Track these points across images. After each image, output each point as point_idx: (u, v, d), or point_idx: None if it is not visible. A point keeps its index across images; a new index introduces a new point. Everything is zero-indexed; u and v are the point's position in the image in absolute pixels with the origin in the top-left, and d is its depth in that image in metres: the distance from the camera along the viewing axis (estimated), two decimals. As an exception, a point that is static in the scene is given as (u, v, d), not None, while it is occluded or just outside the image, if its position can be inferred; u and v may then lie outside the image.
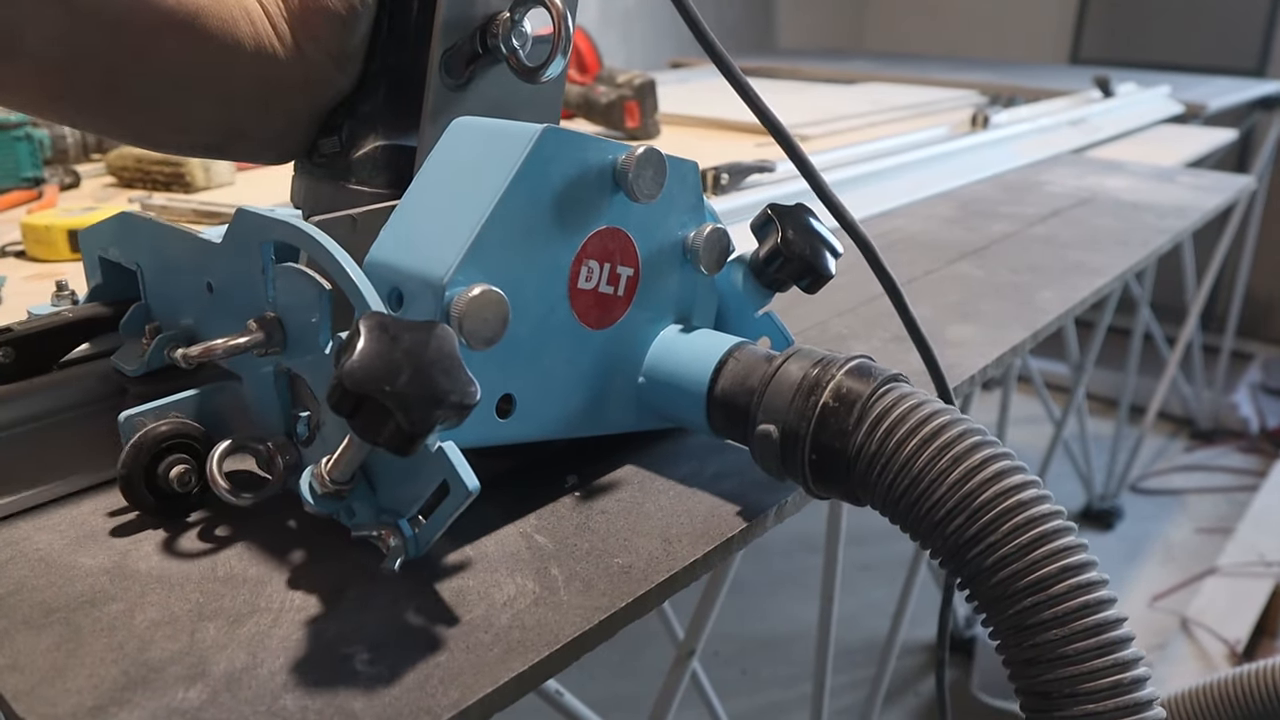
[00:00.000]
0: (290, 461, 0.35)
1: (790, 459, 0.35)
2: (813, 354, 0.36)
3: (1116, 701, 0.29)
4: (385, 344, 0.27)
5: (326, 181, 0.41)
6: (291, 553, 0.34)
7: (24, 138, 0.84)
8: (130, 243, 0.42)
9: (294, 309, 0.34)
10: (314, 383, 0.34)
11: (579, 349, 0.38)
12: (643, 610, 0.33)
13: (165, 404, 0.36)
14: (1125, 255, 0.75)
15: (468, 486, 0.30)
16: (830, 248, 0.42)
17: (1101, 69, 1.63)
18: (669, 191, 0.38)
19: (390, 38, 0.40)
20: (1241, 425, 2.32)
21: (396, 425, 0.27)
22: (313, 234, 0.33)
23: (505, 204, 0.33)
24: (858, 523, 1.87)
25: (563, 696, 0.89)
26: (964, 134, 1.15)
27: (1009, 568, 0.30)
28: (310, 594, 0.32)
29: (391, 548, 0.31)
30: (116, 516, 0.36)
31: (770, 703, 1.46)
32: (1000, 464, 0.31)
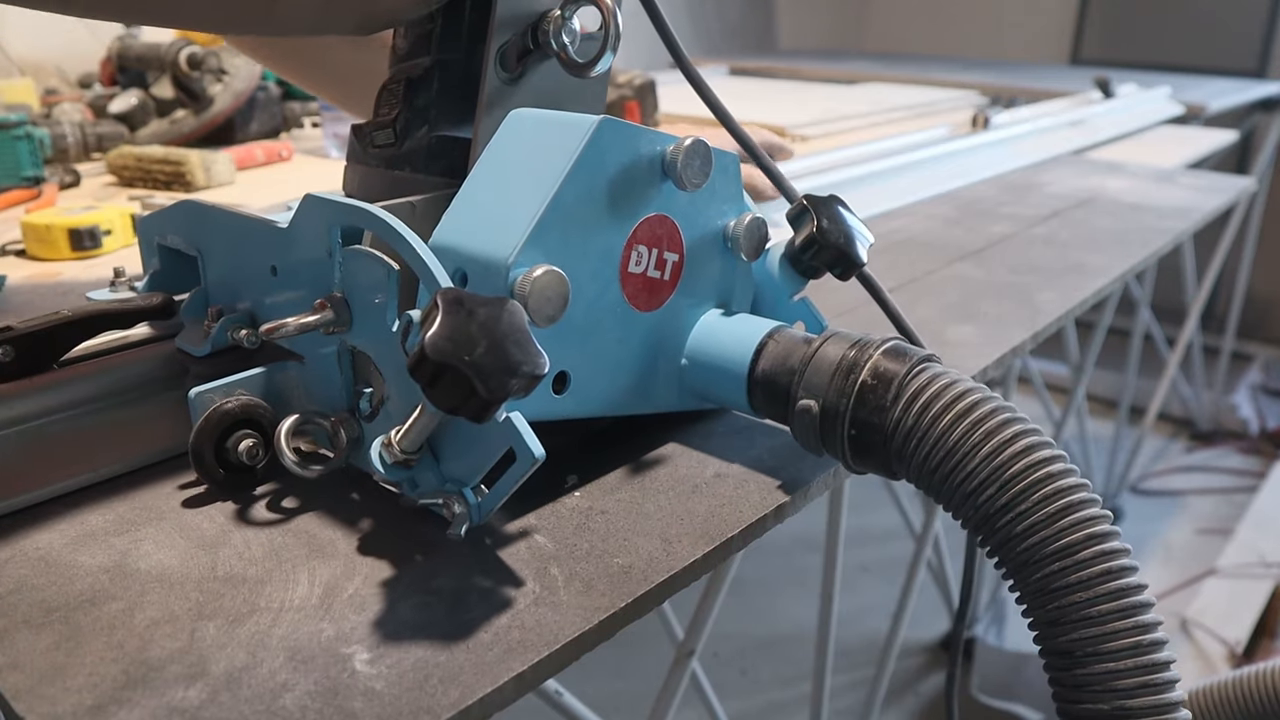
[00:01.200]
0: (352, 436, 0.37)
1: (830, 434, 0.37)
2: (849, 336, 0.38)
3: (1136, 661, 0.30)
4: (462, 318, 0.29)
5: (382, 170, 0.43)
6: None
7: (24, 136, 0.84)
8: (191, 229, 0.43)
9: (361, 289, 0.35)
10: (379, 359, 0.35)
11: (628, 330, 0.39)
12: (642, 610, 0.33)
13: (232, 381, 0.38)
14: (1125, 256, 0.75)
15: (534, 453, 0.31)
16: (861, 236, 0.43)
17: (1102, 70, 1.63)
18: (712, 181, 0.40)
19: (444, 34, 0.42)
20: (1241, 426, 2.32)
21: (475, 393, 0.28)
22: (384, 217, 0.34)
23: (565, 190, 0.35)
24: (858, 523, 1.87)
25: (562, 696, 0.88)
26: (964, 134, 1.15)
27: (1037, 535, 0.32)
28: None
29: (456, 515, 0.33)
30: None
31: (770, 703, 1.46)
32: (1030, 439, 0.33)
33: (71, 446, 0.39)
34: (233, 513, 0.37)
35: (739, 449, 0.43)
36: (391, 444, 0.33)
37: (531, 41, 0.41)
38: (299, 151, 1.07)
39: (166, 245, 0.45)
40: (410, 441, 0.33)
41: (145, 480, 0.39)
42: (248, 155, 0.98)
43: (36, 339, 0.40)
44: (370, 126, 0.43)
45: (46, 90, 1.25)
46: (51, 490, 0.37)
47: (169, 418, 0.40)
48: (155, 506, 0.37)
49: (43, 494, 0.36)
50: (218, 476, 0.37)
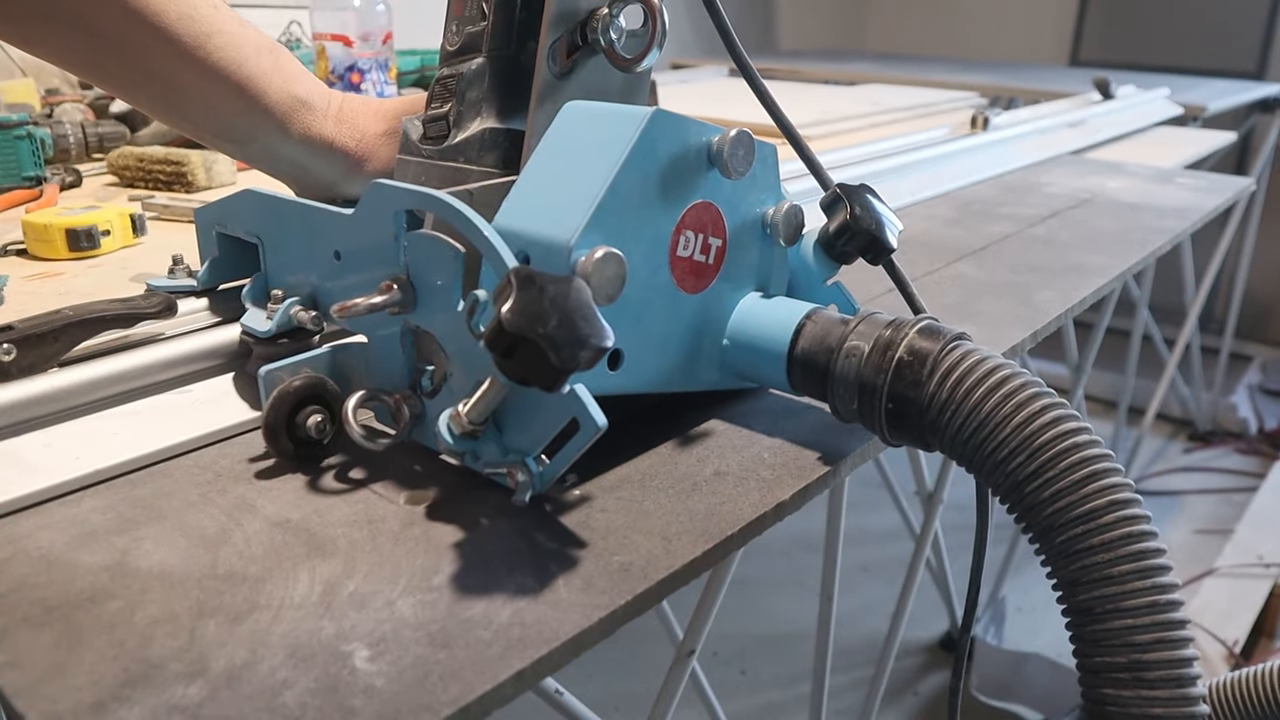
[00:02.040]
0: (414, 412, 0.39)
1: (867, 408, 0.39)
2: (884, 317, 0.41)
3: (1153, 618, 0.32)
4: (535, 294, 0.31)
5: (435, 161, 0.46)
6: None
7: (25, 136, 0.84)
8: (253, 217, 0.46)
9: (426, 271, 0.37)
10: (444, 338, 0.37)
11: (676, 311, 0.42)
12: (642, 608, 0.33)
13: (299, 360, 0.40)
14: (1124, 256, 0.75)
15: (597, 422, 0.33)
16: (890, 224, 0.46)
17: (1101, 71, 1.63)
18: (753, 170, 0.42)
19: (496, 31, 0.45)
20: (1240, 426, 2.32)
21: (548, 363, 0.30)
22: (454, 203, 0.36)
23: (621, 177, 0.37)
24: (857, 523, 1.87)
25: (562, 695, 0.88)
26: (964, 135, 1.15)
27: (1063, 500, 0.34)
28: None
29: (520, 483, 0.35)
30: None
31: (770, 702, 1.46)
32: (1057, 411, 0.35)
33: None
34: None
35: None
36: (459, 416, 0.35)
37: (580, 38, 0.43)
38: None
39: (226, 233, 0.47)
40: (478, 413, 0.35)
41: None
42: (248, 155, 0.98)
43: (39, 339, 0.40)
44: (424, 120, 0.47)
45: (48, 90, 1.25)
46: (54, 488, 0.37)
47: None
48: (156, 505, 0.37)
49: (44, 491, 0.37)
50: (288, 450, 0.39)
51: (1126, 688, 0.33)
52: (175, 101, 0.52)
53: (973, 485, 0.43)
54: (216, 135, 0.54)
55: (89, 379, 0.42)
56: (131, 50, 0.48)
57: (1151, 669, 0.32)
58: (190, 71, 0.49)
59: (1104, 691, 0.33)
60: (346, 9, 1.10)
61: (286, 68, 0.53)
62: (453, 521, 0.36)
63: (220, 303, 0.49)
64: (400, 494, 0.38)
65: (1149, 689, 0.33)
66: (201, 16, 0.49)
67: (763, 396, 0.48)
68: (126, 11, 0.47)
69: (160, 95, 0.51)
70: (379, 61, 1.04)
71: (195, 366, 0.46)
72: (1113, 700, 0.33)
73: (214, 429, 0.42)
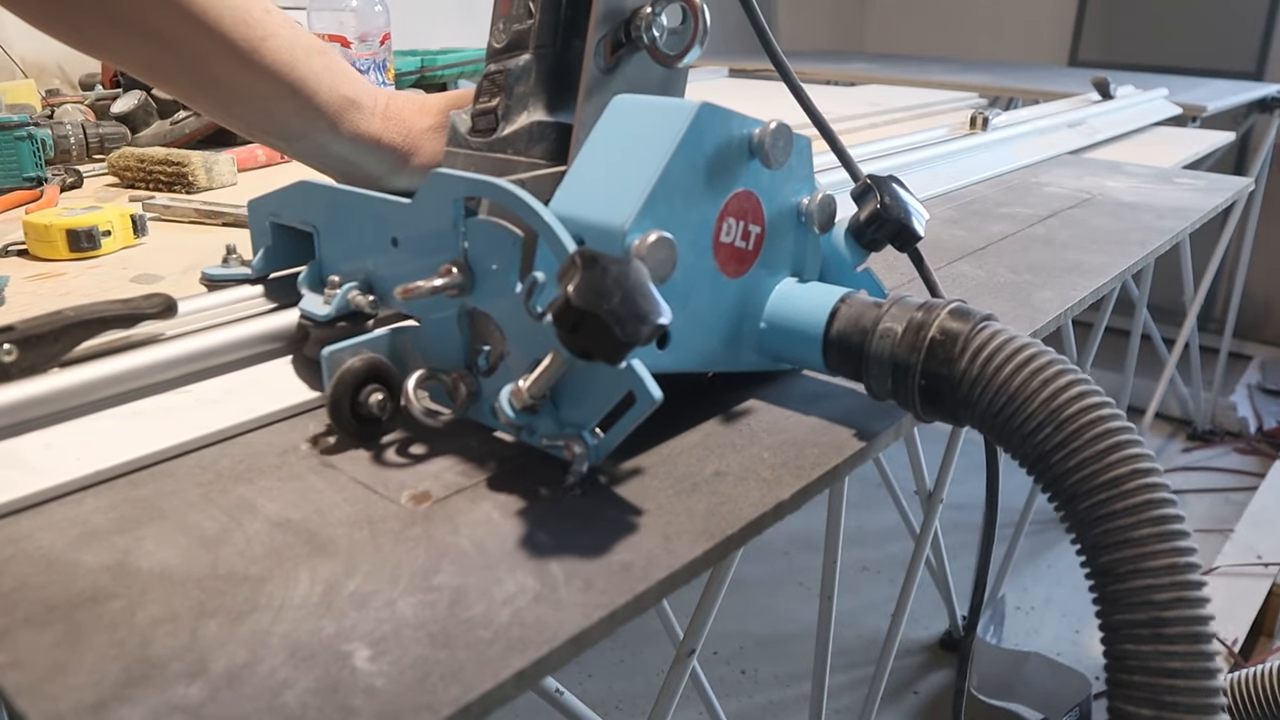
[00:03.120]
0: (470, 389, 0.41)
1: (901, 386, 0.41)
2: (914, 300, 0.43)
3: (1172, 579, 0.34)
4: (598, 273, 0.32)
5: (484, 153, 0.48)
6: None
7: (26, 137, 0.84)
8: (307, 207, 0.48)
9: (485, 255, 0.39)
10: (501, 319, 0.39)
11: (718, 294, 0.44)
12: (642, 608, 0.33)
13: (360, 342, 0.42)
14: (1123, 255, 0.75)
15: (653, 395, 0.35)
16: (917, 213, 0.48)
17: (1100, 71, 1.63)
18: (790, 161, 0.45)
19: (543, 29, 0.47)
20: (1240, 426, 2.32)
21: (613, 337, 0.32)
22: (515, 191, 0.37)
23: (671, 165, 0.39)
24: (857, 523, 1.87)
25: (562, 695, 0.89)
26: (963, 135, 1.15)
27: (1088, 469, 0.36)
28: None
29: (576, 454, 0.37)
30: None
31: (769, 702, 1.46)
32: (1082, 386, 0.37)
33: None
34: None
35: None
36: (520, 391, 0.37)
37: (624, 36, 0.45)
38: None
39: (280, 223, 0.49)
40: (538, 388, 0.37)
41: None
42: (249, 156, 0.98)
43: (40, 338, 0.40)
44: (472, 114, 0.49)
45: (49, 91, 1.25)
46: (55, 488, 0.37)
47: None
48: (157, 505, 0.37)
49: (45, 491, 0.37)
50: (351, 427, 0.41)
51: (1146, 643, 0.35)
52: (230, 102, 0.54)
53: (973, 485, 0.43)
54: (268, 133, 0.55)
55: (90, 379, 0.42)
56: (190, 55, 0.51)
57: (1170, 625, 0.34)
58: (246, 74, 0.52)
59: (1124, 647, 0.35)
60: (344, 9, 1.10)
61: (335, 68, 0.55)
62: (453, 521, 0.36)
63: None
64: (401, 493, 0.38)
65: (1168, 644, 0.34)
66: (256, 21, 0.51)
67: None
68: (186, 18, 0.49)
69: (216, 97, 0.54)
70: (377, 62, 1.04)
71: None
72: (1133, 655, 0.35)
73: (214, 429, 0.42)
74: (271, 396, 0.44)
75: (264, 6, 0.52)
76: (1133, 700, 0.35)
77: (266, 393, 0.45)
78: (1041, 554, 1.84)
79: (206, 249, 0.70)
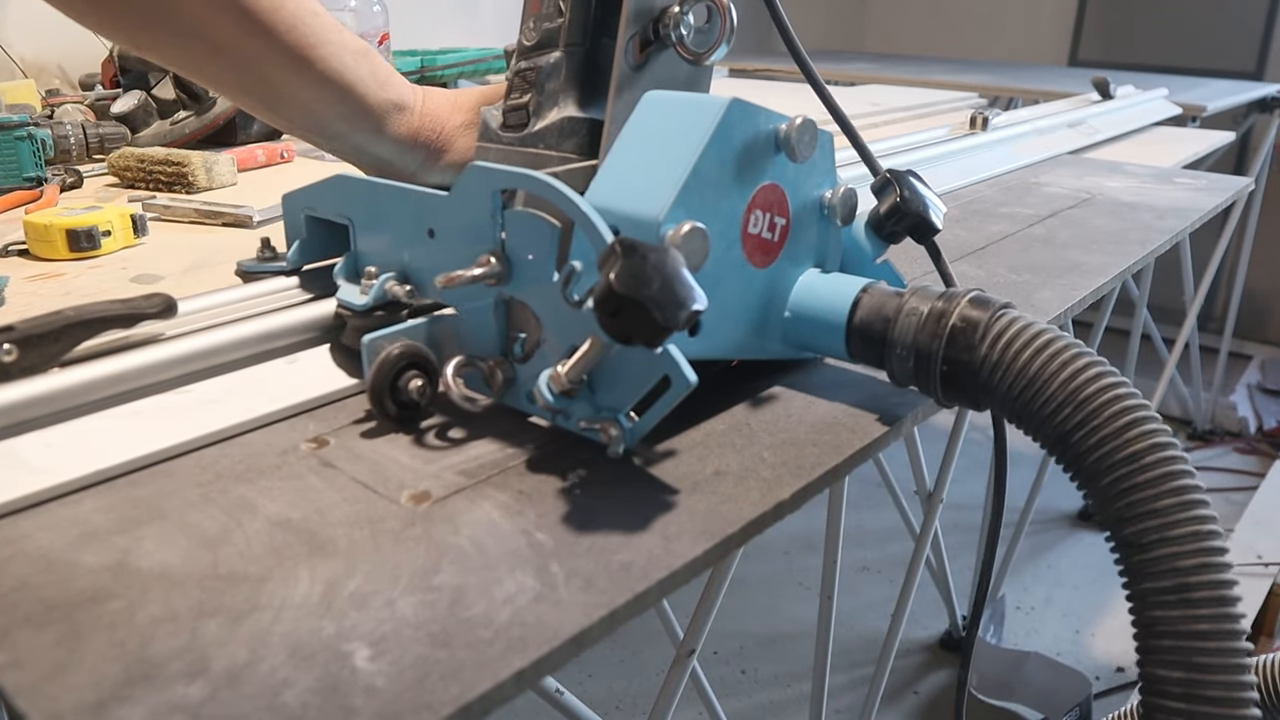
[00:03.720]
0: (507, 376, 0.43)
1: (923, 372, 0.43)
2: (934, 289, 0.44)
3: (1196, 545, 0.36)
4: (638, 260, 0.34)
5: (516, 148, 0.50)
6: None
7: (26, 138, 0.84)
8: (343, 200, 0.49)
9: (522, 246, 0.40)
10: (538, 307, 0.41)
11: (746, 284, 0.45)
12: (642, 607, 0.33)
13: (399, 330, 0.43)
14: (1123, 255, 0.75)
15: (689, 379, 0.36)
16: (934, 206, 0.49)
17: (1100, 71, 1.63)
18: (814, 156, 0.46)
19: (573, 27, 0.49)
20: (1239, 426, 2.32)
21: (653, 321, 0.33)
22: (552, 183, 0.38)
23: (703, 158, 0.40)
24: (857, 523, 1.87)
25: (562, 695, 0.89)
26: (963, 135, 1.15)
27: (1108, 446, 0.37)
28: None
29: (613, 437, 0.38)
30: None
31: (769, 702, 1.46)
32: (1099, 368, 0.38)
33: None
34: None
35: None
36: (559, 376, 0.38)
37: (653, 34, 0.47)
38: (299, 153, 1.07)
39: (315, 216, 0.51)
40: (576, 372, 0.38)
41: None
42: (249, 156, 0.98)
43: (40, 338, 0.40)
44: (504, 109, 0.51)
45: (48, 91, 1.25)
46: (55, 488, 0.37)
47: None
48: (157, 505, 0.37)
49: (45, 491, 0.37)
50: (391, 412, 0.42)
51: (1174, 608, 0.36)
52: (277, 103, 0.55)
53: (973, 485, 0.43)
54: (310, 131, 0.57)
55: (90, 379, 0.42)
56: (241, 58, 0.52)
57: (1196, 590, 0.35)
58: (296, 78, 0.53)
59: (1153, 614, 0.36)
60: (343, 10, 1.10)
61: (380, 72, 0.56)
62: (453, 521, 0.36)
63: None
64: (401, 493, 0.38)
65: (1195, 608, 0.35)
66: (307, 27, 0.52)
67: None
68: (241, 24, 0.50)
69: (264, 98, 0.55)
70: (378, 62, 1.04)
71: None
72: (1161, 620, 0.36)
73: (214, 429, 0.42)
74: (272, 396, 0.44)
75: (313, 9, 0.53)
76: (1164, 664, 0.36)
77: (267, 392, 0.45)
78: (1041, 554, 1.84)
79: (207, 249, 0.70)
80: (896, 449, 0.68)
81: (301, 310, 0.49)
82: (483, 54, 1.39)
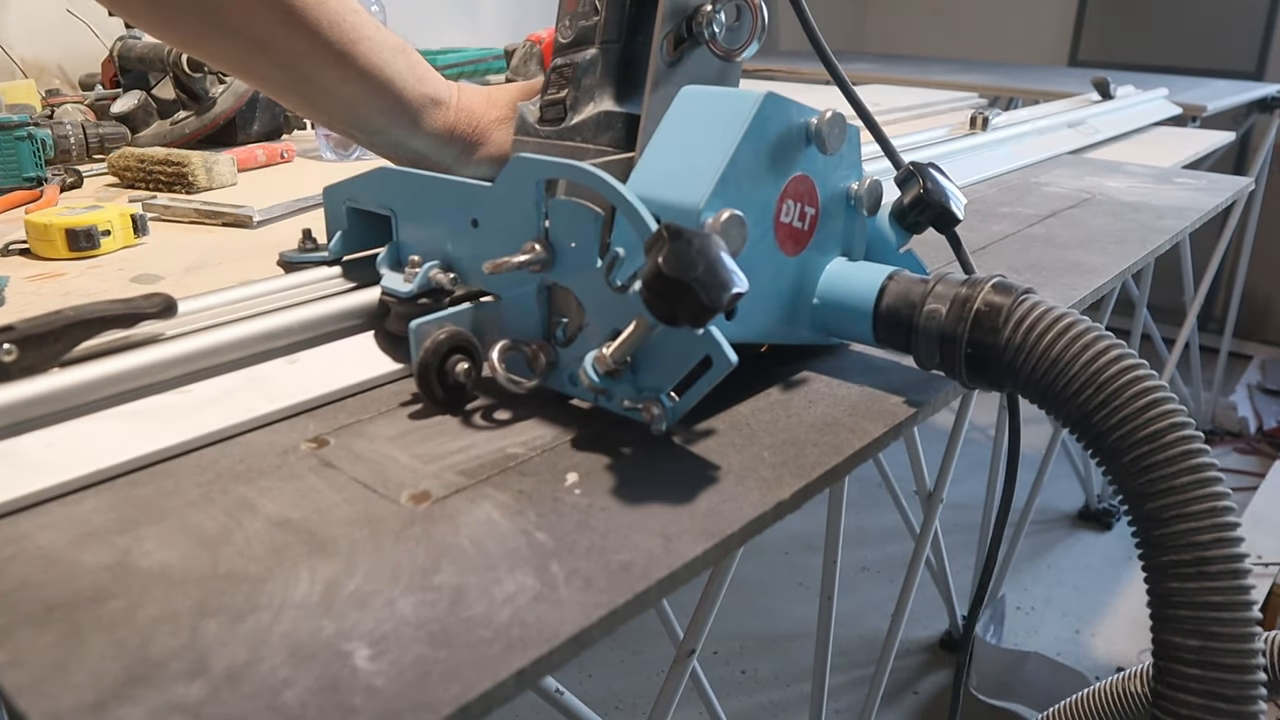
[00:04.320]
0: (549, 359, 0.44)
1: (948, 355, 0.44)
2: (958, 276, 0.46)
3: (1212, 521, 0.38)
4: (684, 245, 0.35)
5: (553, 141, 0.52)
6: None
7: (26, 137, 0.84)
8: (385, 192, 0.51)
9: (566, 233, 0.42)
10: (581, 292, 0.42)
11: (778, 271, 0.47)
12: (642, 607, 0.33)
13: (445, 315, 0.45)
14: (1123, 255, 0.75)
15: (729, 358, 0.38)
16: (955, 198, 0.51)
17: (1100, 71, 1.63)
18: (842, 148, 0.48)
19: (608, 25, 0.50)
20: (1239, 426, 2.32)
21: (699, 302, 0.35)
22: (598, 173, 0.40)
23: (740, 149, 0.42)
24: (857, 523, 1.87)
25: (562, 694, 0.89)
26: (963, 135, 1.15)
27: (1129, 425, 0.39)
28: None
29: (655, 416, 0.40)
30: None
31: (769, 702, 1.46)
32: (1118, 350, 0.40)
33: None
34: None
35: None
36: (604, 357, 0.40)
37: (686, 31, 0.49)
38: (298, 153, 1.07)
39: (357, 208, 0.53)
40: (621, 353, 0.39)
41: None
42: (249, 156, 0.98)
43: (40, 338, 0.40)
44: (541, 104, 0.52)
45: (49, 91, 1.25)
46: (55, 488, 0.37)
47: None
48: (157, 505, 0.37)
49: (45, 491, 0.37)
50: (437, 395, 0.43)
51: (1191, 580, 0.38)
52: (318, 99, 0.56)
53: (973, 485, 0.44)
54: (351, 126, 0.58)
55: (90, 379, 0.42)
56: (285, 56, 0.53)
57: (1212, 564, 0.37)
58: (337, 75, 0.54)
59: (1170, 585, 0.39)
60: (346, 9, 1.10)
61: (418, 67, 0.57)
62: (453, 520, 0.36)
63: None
64: (401, 493, 0.38)
65: (1211, 580, 0.38)
66: (349, 25, 0.54)
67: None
68: (286, 23, 0.52)
69: (304, 93, 0.56)
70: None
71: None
72: (1178, 592, 0.38)
73: (214, 429, 0.42)
74: (272, 396, 0.44)
75: (352, 6, 0.54)
76: (1180, 632, 0.38)
77: (267, 392, 0.45)
78: (1041, 554, 1.84)
79: (207, 249, 0.70)
80: (896, 449, 0.68)
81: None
82: (483, 54, 1.39)
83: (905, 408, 0.46)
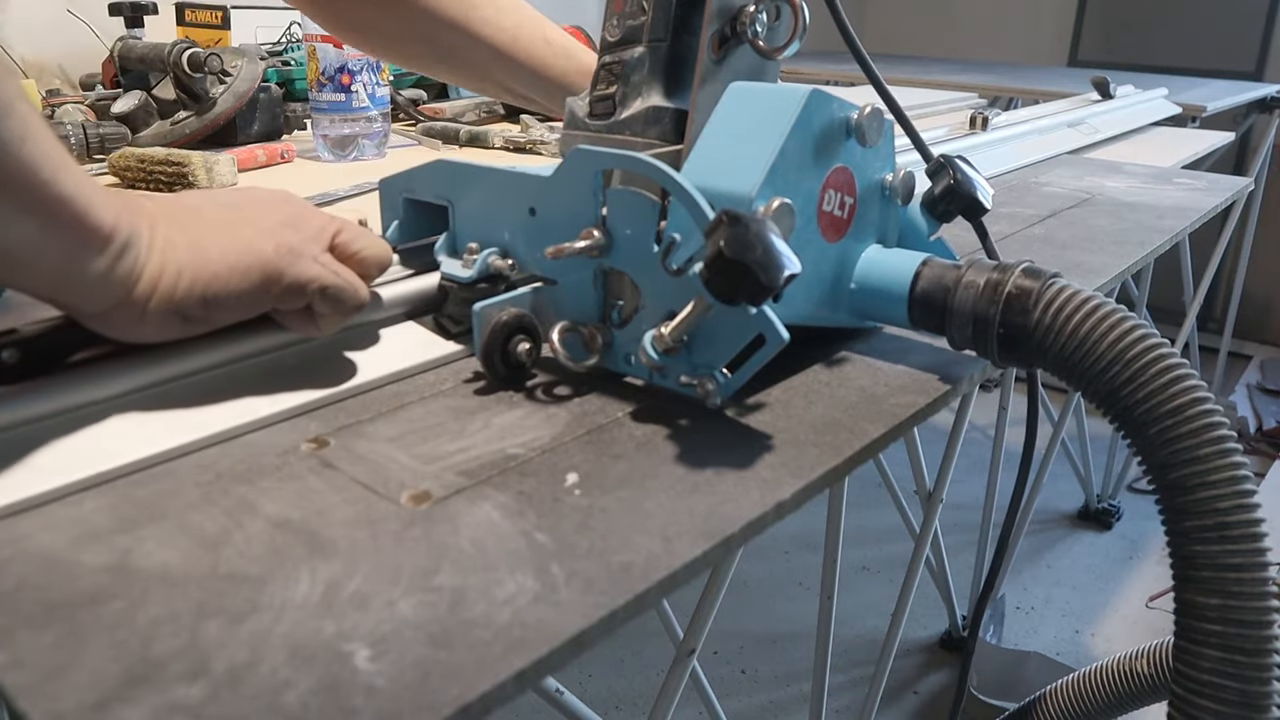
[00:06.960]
0: (605, 340, 0.47)
1: (981, 336, 0.47)
2: (989, 261, 0.48)
3: (1233, 489, 0.40)
4: (742, 229, 0.38)
5: (603, 135, 0.54)
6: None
7: (25, 138, 0.84)
8: (442, 183, 0.53)
9: (623, 220, 0.44)
10: (637, 276, 0.45)
11: (820, 257, 0.49)
12: (642, 608, 0.33)
13: (507, 298, 0.47)
14: (1123, 255, 0.75)
15: (782, 335, 0.40)
16: (983, 188, 0.54)
17: (1100, 71, 1.63)
18: (879, 142, 0.50)
19: (655, 24, 0.53)
20: (1239, 426, 2.32)
21: (758, 282, 0.37)
22: (655, 163, 0.42)
23: (788, 142, 0.45)
24: (857, 522, 1.87)
25: (562, 695, 0.89)
26: (963, 135, 1.15)
27: (1154, 400, 0.42)
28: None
29: (709, 391, 0.42)
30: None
31: (769, 701, 1.46)
32: (1143, 330, 0.43)
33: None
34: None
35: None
36: (662, 336, 0.42)
37: (730, 30, 0.51)
38: (298, 154, 1.07)
39: (412, 199, 0.55)
40: (679, 332, 0.42)
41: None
42: (250, 156, 0.98)
43: (40, 340, 0.41)
44: (591, 99, 0.55)
45: (49, 91, 1.25)
46: (55, 489, 0.37)
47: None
48: (157, 506, 0.37)
49: (45, 492, 0.37)
50: (500, 373, 0.46)
51: (1213, 544, 0.41)
52: (483, 84, 0.76)
53: (973, 485, 0.44)
54: (507, 93, 0.76)
55: (90, 379, 0.42)
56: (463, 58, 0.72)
57: (1233, 528, 0.40)
58: (499, 64, 0.73)
59: (1193, 549, 0.41)
60: (346, 10, 1.09)
61: (571, 49, 0.73)
62: (453, 521, 0.36)
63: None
64: (401, 493, 0.38)
65: (1232, 543, 0.40)
66: (510, 24, 0.70)
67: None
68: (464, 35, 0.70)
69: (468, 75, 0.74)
70: (370, 63, 1.04)
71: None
72: (1201, 554, 0.41)
73: (214, 429, 0.42)
74: (272, 396, 0.44)
75: (515, 5, 0.68)
76: (1202, 592, 0.42)
77: (267, 392, 0.45)
78: (1041, 554, 1.84)
79: (207, 249, 0.70)
80: (896, 449, 0.68)
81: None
82: (483, 54, 1.38)
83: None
